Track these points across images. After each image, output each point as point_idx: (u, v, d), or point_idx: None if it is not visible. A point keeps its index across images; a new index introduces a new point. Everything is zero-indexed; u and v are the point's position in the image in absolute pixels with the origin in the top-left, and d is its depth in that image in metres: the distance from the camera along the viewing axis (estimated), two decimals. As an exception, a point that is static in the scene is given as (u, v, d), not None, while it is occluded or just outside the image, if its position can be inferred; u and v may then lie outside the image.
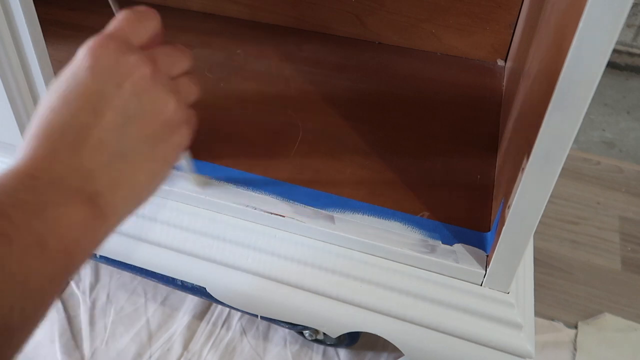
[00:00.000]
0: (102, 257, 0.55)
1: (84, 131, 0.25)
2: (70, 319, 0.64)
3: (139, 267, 0.52)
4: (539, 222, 0.36)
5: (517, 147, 0.40)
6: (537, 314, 0.64)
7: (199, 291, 0.51)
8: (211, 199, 0.48)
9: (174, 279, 0.52)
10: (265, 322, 0.63)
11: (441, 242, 0.44)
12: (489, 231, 0.45)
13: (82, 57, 0.27)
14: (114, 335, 0.63)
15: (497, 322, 0.42)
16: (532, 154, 0.33)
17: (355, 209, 0.47)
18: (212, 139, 0.54)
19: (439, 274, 0.44)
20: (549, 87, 0.31)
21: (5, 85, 0.44)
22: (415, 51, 0.75)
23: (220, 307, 0.65)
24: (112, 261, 0.54)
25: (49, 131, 0.25)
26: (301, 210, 0.47)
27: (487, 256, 0.43)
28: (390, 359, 0.60)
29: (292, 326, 0.56)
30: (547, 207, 0.35)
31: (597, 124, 1.02)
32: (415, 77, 0.69)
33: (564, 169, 0.33)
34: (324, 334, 0.59)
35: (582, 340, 0.64)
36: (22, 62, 0.44)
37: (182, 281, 0.52)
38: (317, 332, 0.59)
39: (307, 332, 0.59)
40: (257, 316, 0.53)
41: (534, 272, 0.50)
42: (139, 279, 0.68)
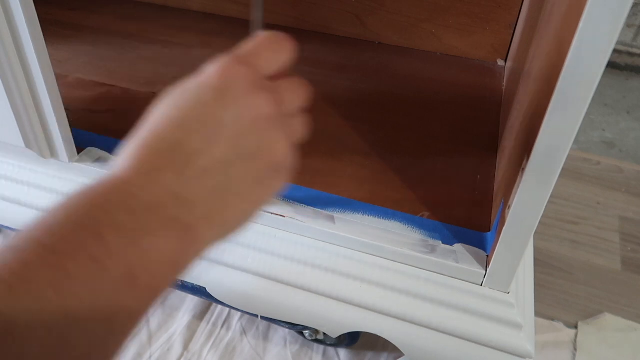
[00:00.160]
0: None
1: (193, 157, 0.24)
2: (70, 319, 0.64)
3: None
4: (539, 222, 0.36)
5: (517, 147, 0.40)
6: (537, 314, 0.64)
7: (199, 291, 0.51)
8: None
9: (174, 279, 0.52)
10: (265, 322, 0.63)
11: (441, 242, 0.44)
12: (489, 231, 0.45)
13: (212, 75, 0.25)
14: (114, 335, 0.63)
15: (497, 322, 0.42)
16: (532, 154, 0.33)
17: (355, 209, 0.47)
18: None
19: (439, 274, 0.44)
20: (549, 87, 0.31)
21: (5, 85, 0.44)
22: (415, 51, 0.75)
23: (220, 307, 0.65)
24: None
25: (157, 144, 0.24)
26: (301, 210, 0.47)
27: (487, 256, 0.43)
28: (390, 359, 0.60)
29: (292, 326, 0.56)
30: (547, 207, 0.35)
31: (597, 124, 1.02)
32: (415, 77, 0.69)
33: (564, 169, 0.33)
34: (324, 334, 0.59)
35: (582, 340, 0.64)
36: (22, 62, 0.44)
37: (182, 281, 0.52)
38: (317, 332, 0.59)
39: (307, 332, 0.59)
40: (257, 316, 0.53)
41: (534, 272, 0.50)
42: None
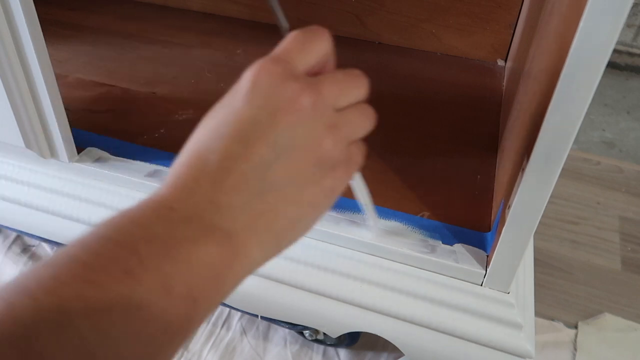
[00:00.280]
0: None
1: (229, 162, 0.23)
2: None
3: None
4: (539, 222, 0.36)
5: (517, 147, 0.40)
6: (537, 314, 0.64)
7: (199, 291, 0.51)
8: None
9: (174, 279, 0.52)
10: (265, 322, 0.63)
11: (441, 242, 0.44)
12: (489, 231, 0.45)
13: (243, 81, 0.24)
14: (114, 335, 0.63)
15: (497, 322, 0.42)
16: (532, 154, 0.33)
17: (355, 209, 0.47)
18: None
19: (439, 274, 0.44)
20: (549, 87, 0.31)
21: (5, 85, 0.44)
22: (415, 51, 0.75)
23: (220, 307, 0.65)
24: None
25: (194, 158, 0.23)
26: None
27: (487, 256, 0.43)
28: (390, 359, 0.60)
29: (292, 326, 0.56)
30: (547, 207, 0.35)
31: (597, 124, 1.02)
32: (415, 77, 0.69)
33: (564, 169, 0.33)
34: (324, 334, 0.59)
35: (582, 340, 0.64)
36: (22, 62, 0.44)
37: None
38: (317, 332, 0.59)
39: (307, 332, 0.59)
40: (257, 316, 0.53)
41: (534, 272, 0.50)
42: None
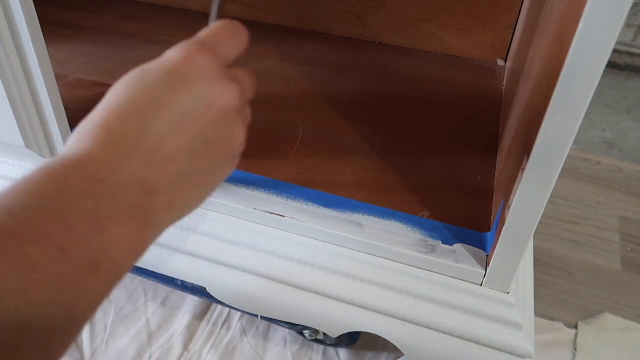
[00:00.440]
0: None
1: (161, 144, 0.24)
2: (70, 319, 0.64)
3: (139, 267, 0.52)
4: (539, 222, 0.36)
5: (517, 147, 0.40)
6: (537, 314, 0.64)
7: (199, 291, 0.51)
8: (211, 199, 0.48)
9: (174, 279, 0.52)
10: (265, 322, 0.63)
11: (441, 242, 0.44)
12: (489, 231, 0.45)
13: (176, 60, 0.25)
14: (114, 335, 0.63)
15: (497, 322, 0.42)
16: (532, 154, 0.33)
17: (355, 209, 0.47)
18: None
19: (439, 274, 0.44)
20: (549, 87, 0.31)
21: (5, 85, 0.44)
22: (415, 51, 0.75)
23: (220, 307, 0.65)
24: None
25: (124, 130, 0.23)
26: (301, 210, 0.47)
27: (487, 256, 0.43)
28: (390, 359, 0.60)
29: (292, 326, 0.56)
30: (547, 207, 0.35)
31: (597, 124, 1.02)
32: (415, 77, 0.69)
33: (564, 169, 0.33)
34: (324, 334, 0.59)
35: (582, 340, 0.64)
36: (22, 62, 0.44)
37: (182, 281, 0.52)
38: (317, 332, 0.59)
39: (307, 332, 0.59)
40: (257, 316, 0.53)
41: (534, 272, 0.50)
42: (139, 279, 0.68)
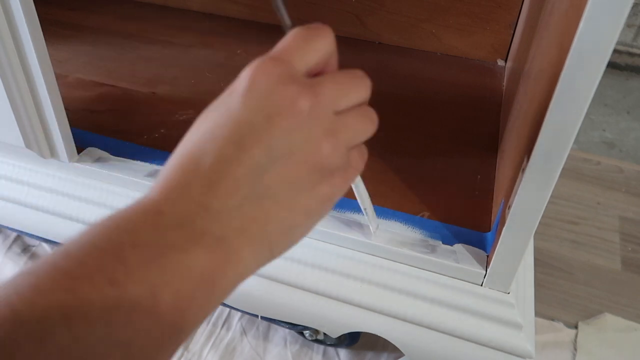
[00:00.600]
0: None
1: (222, 165, 0.22)
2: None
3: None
4: (539, 222, 0.36)
5: (517, 147, 0.40)
6: (537, 314, 0.64)
7: (199, 291, 0.51)
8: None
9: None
10: (265, 322, 0.63)
11: (441, 242, 0.44)
12: (489, 231, 0.45)
13: (241, 80, 0.23)
14: (114, 335, 0.63)
15: (497, 322, 0.42)
16: (532, 154, 0.33)
17: (355, 209, 0.47)
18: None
19: (439, 274, 0.44)
20: (549, 87, 0.31)
21: (5, 85, 0.44)
22: (415, 51, 0.75)
23: (220, 307, 0.65)
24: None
25: (185, 161, 0.22)
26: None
27: (488, 256, 0.43)
28: (390, 359, 0.60)
29: (292, 326, 0.56)
30: (547, 207, 0.35)
31: (597, 124, 1.02)
32: (415, 77, 0.69)
33: (564, 169, 0.33)
34: (324, 334, 0.59)
35: (582, 340, 0.64)
36: (22, 62, 0.44)
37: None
38: (317, 332, 0.59)
39: (307, 332, 0.59)
40: (257, 316, 0.53)
41: (534, 272, 0.50)
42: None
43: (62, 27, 0.77)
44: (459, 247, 0.44)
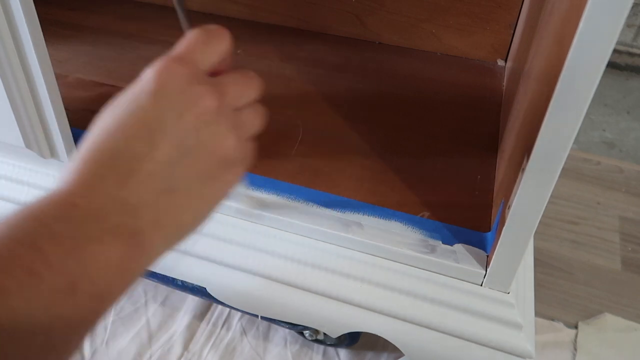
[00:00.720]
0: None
1: (135, 162, 0.23)
2: (70, 319, 0.64)
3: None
4: (539, 222, 0.36)
5: (517, 147, 0.40)
6: (537, 314, 0.64)
7: (199, 291, 0.51)
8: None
9: (174, 279, 0.52)
10: (265, 322, 0.63)
11: (441, 242, 0.44)
12: (489, 231, 0.45)
13: (147, 79, 0.25)
14: (114, 335, 0.63)
15: (497, 322, 0.42)
16: (532, 154, 0.33)
17: (355, 209, 0.47)
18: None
19: (439, 274, 0.44)
20: (549, 87, 0.31)
21: (5, 85, 0.44)
22: (415, 51, 0.75)
23: (220, 307, 0.65)
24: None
25: (97, 155, 0.23)
26: (301, 210, 0.47)
27: (487, 256, 0.43)
28: (390, 359, 0.60)
29: (292, 326, 0.56)
30: (547, 207, 0.35)
31: (597, 124, 1.02)
32: (415, 77, 0.69)
33: (564, 169, 0.33)
34: (324, 334, 0.59)
35: (582, 340, 0.64)
36: (22, 62, 0.44)
37: (182, 281, 0.52)
38: (317, 332, 0.59)
39: (307, 332, 0.59)
40: (257, 316, 0.53)
41: (534, 272, 0.50)
42: (139, 279, 0.68)
43: (62, 27, 0.77)
44: (459, 247, 0.44)
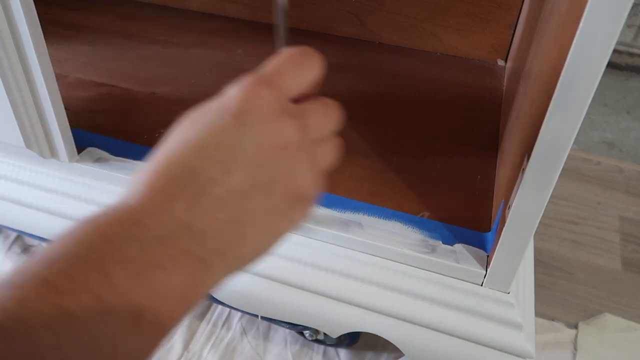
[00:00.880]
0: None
1: (208, 186, 0.22)
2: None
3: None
4: (539, 222, 0.36)
5: (517, 147, 0.40)
6: (537, 314, 0.64)
7: (199, 291, 0.51)
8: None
9: (174, 279, 0.52)
10: (265, 322, 0.63)
11: (441, 242, 0.44)
12: (490, 231, 0.45)
13: (232, 98, 0.23)
14: (114, 335, 0.63)
15: (497, 322, 0.42)
16: (532, 154, 0.33)
17: (355, 209, 0.47)
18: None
19: (440, 274, 0.44)
20: (549, 87, 0.31)
21: (5, 85, 0.44)
22: (415, 51, 0.75)
23: (220, 307, 0.65)
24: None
25: (171, 171, 0.22)
26: (301, 210, 0.47)
27: (488, 256, 0.43)
28: (390, 359, 0.60)
29: (292, 326, 0.56)
30: (547, 207, 0.35)
31: (597, 124, 1.02)
32: (415, 77, 0.69)
33: (564, 169, 0.33)
34: (325, 334, 0.59)
35: (582, 340, 0.64)
36: (22, 62, 0.44)
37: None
38: (317, 332, 0.59)
39: (307, 332, 0.59)
40: (257, 316, 0.53)
41: (534, 272, 0.50)
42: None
43: (62, 27, 0.77)
44: (459, 247, 0.44)
